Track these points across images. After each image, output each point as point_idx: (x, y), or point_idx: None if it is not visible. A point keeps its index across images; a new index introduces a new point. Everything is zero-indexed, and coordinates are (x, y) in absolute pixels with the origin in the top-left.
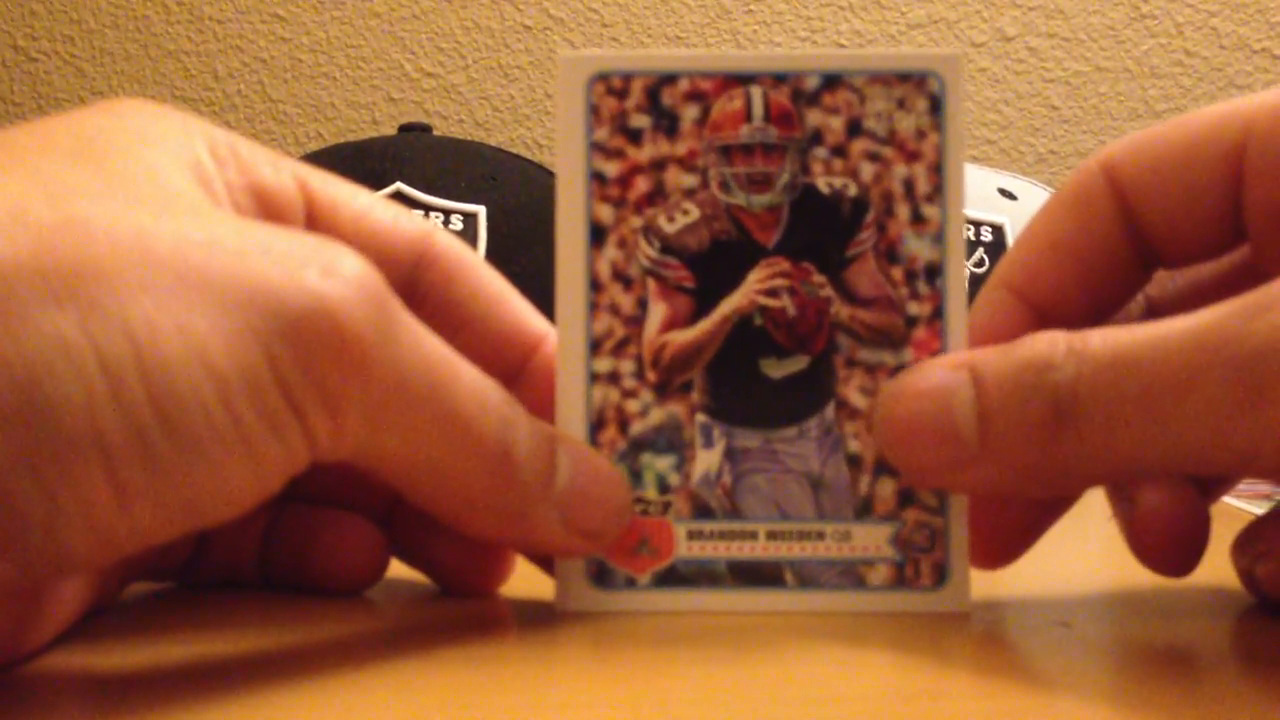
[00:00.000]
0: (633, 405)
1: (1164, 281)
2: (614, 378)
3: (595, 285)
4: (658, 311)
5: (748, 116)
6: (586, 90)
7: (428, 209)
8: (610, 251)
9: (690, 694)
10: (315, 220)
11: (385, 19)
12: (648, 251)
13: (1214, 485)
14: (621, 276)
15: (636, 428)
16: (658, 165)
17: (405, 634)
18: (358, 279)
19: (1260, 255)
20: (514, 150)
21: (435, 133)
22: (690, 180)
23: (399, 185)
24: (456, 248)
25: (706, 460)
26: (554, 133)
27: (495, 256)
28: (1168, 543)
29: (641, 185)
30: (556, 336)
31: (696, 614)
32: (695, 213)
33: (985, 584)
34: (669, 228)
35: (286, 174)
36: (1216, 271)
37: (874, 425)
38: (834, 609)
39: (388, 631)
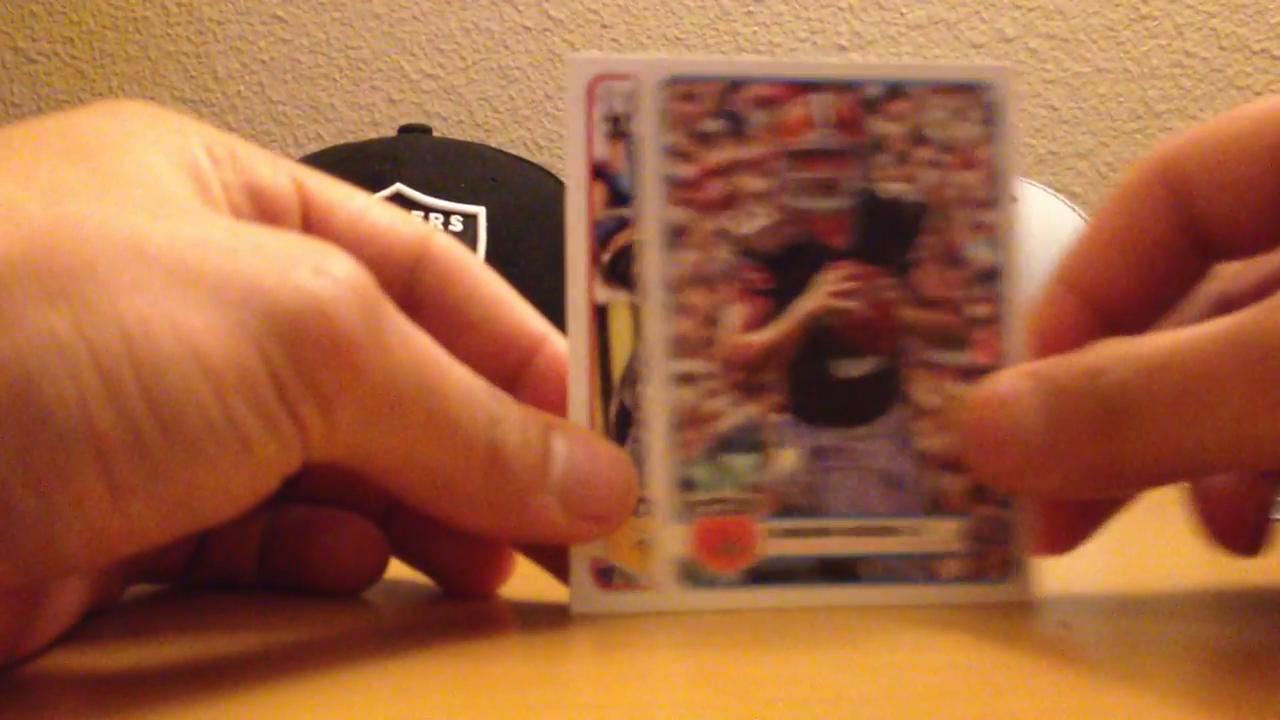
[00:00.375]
0: (713, 405)
1: (1235, 275)
2: (694, 379)
3: (673, 287)
4: (736, 313)
5: (815, 123)
6: (656, 94)
7: (428, 210)
8: (687, 254)
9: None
10: (312, 222)
11: (385, 20)
12: (724, 255)
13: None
14: (700, 278)
15: (718, 427)
16: (729, 169)
17: (405, 634)
18: (349, 279)
19: None
20: (514, 151)
21: (435, 134)
22: (761, 184)
23: (399, 186)
24: (455, 250)
25: (787, 459)
26: (634, 138)
27: (495, 258)
28: (1236, 523)
29: (714, 188)
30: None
31: (776, 610)
32: (767, 216)
33: None
34: (743, 230)
35: (284, 175)
36: None
37: (957, 433)
38: (907, 602)
39: (388, 631)
